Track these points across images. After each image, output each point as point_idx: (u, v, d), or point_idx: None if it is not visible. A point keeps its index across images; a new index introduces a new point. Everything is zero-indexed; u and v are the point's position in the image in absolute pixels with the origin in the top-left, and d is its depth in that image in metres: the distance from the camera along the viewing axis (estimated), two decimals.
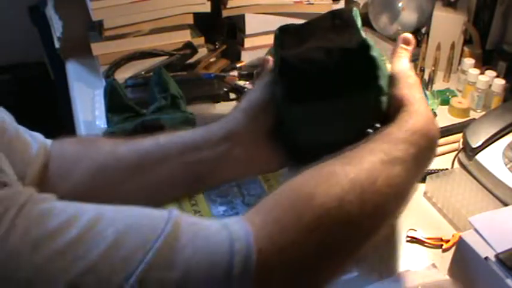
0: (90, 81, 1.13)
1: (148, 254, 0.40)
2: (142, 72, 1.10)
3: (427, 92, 1.03)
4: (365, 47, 0.65)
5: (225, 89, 1.07)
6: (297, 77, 0.66)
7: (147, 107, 0.87)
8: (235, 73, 1.15)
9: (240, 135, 0.61)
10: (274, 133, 0.64)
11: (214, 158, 0.60)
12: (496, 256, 0.60)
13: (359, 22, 0.80)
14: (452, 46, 1.11)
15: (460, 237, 0.64)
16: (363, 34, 0.76)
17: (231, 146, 0.60)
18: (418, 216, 0.77)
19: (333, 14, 0.81)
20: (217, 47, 1.21)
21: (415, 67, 1.15)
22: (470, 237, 0.63)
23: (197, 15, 1.18)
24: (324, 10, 1.25)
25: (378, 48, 0.67)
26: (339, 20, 0.79)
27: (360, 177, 0.50)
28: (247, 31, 1.23)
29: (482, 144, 0.84)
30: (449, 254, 0.69)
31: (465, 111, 1.01)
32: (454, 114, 1.01)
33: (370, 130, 0.67)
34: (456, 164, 0.88)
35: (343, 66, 0.65)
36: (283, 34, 0.80)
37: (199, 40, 1.20)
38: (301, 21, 1.35)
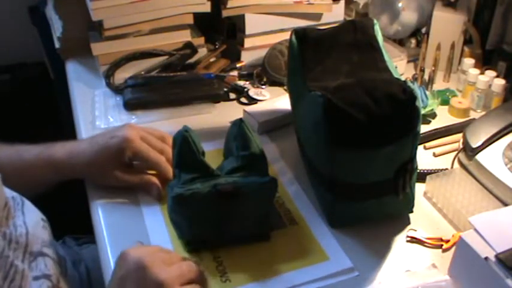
0: (90, 81, 1.13)
1: None
2: (142, 72, 1.10)
3: (427, 92, 1.03)
4: (413, 98, 0.66)
5: (225, 89, 1.07)
6: (345, 121, 0.66)
7: None
8: (235, 73, 1.15)
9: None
10: None
11: None
12: (496, 256, 0.60)
13: (380, 39, 0.79)
14: (452, 46, 1.11)
15: (460, 237, 0.64)
16: (386, 56, 0.76)
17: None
18: (418, 216, 0.77)
19: (354, 25, 0.80)
20: (217, 47, 1.21)
21: (415, 67, 1.15)
22: (470, 237, 0.63)
23: (197, 15, 1.18)
24: (324, 10, 1.25)
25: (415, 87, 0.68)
26: (360, 34, 0.78)
27: None
28: (247, 31, 1.23)
29: (482, 144, 0.84)
30: (449, 254, 0.69)
31: (465, 111, 1.01)
32: (454, 114, 1.01)
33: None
34: (456, 164, 0.88)
35: (390, 114, 0.66)
36: (301, 43, 0.79)
37: (199, 40, 1.20)
38: (301, 22, 1.35)
